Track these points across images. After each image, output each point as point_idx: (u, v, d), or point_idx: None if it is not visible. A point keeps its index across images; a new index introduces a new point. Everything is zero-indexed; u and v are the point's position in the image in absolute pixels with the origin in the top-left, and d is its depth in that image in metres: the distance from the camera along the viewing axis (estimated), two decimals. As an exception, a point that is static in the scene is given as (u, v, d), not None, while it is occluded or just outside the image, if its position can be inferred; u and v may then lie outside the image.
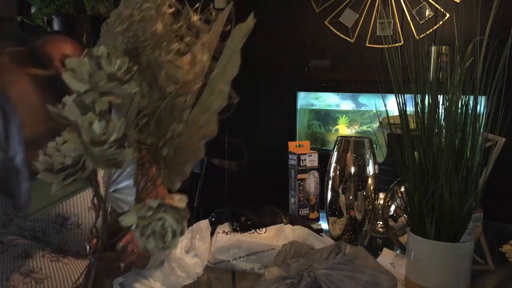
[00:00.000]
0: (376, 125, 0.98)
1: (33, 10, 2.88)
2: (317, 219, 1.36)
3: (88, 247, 0.71)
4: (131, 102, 0.55)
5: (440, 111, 0.83)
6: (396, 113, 0.89)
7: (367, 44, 2.75)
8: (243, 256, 1.04)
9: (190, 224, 1.15)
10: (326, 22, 2.80)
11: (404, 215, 1.07)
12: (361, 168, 1.14)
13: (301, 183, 1.33)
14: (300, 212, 1.33)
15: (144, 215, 0.49)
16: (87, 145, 0.48)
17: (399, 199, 1.09)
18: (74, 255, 0.95)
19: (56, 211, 0.95)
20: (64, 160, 0.49)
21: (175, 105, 0.57)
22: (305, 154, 1.33)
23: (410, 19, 2.64)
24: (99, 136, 0.48)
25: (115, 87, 0.49)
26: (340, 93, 2.88)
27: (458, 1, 2.53)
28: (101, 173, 0.66)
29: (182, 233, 0.50)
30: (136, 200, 0.56)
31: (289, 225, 1.11)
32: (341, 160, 1.16)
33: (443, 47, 2.12)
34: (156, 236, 0.49)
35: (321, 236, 1.13)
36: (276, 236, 1.07)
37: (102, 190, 0.60)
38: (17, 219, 0.93)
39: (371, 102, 2.86)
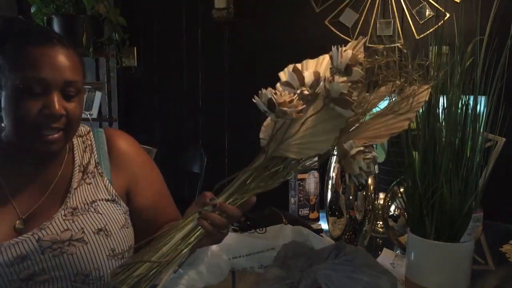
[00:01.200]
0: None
1: (32, 9, 2.88)
2: (317, 219, 1.36)
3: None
4: None
5: (440, 111, 0.83)
6: (396, 113, 0.89)
7: (367, 44, 2.75)
8: (243, 256, 1.04)
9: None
10: (326, 22, 2.80)
11: (404, 215, 1.07)
12: (361, 168, 1.14)
13: (301, 183, 1.33)
14: (300, 212, 1.33)
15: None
16: None
17: (399, 199, 1.09)
18: None
19: (75, 270, 0.88)
20: None
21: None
22: (305, 154, 1.33)
23: (410, 19, 2.64)
24: None
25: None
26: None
27: (458, 1, 2.53)
28: None
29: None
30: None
31: (289, 225, 1.11)
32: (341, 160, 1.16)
33: (443, 47, 2.12)
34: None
35: (321, 236, 1.13)
36: (276, 236, 1.07)
37: None
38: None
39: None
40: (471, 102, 0.81)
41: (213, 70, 3.12)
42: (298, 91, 0.76)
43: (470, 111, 0.81)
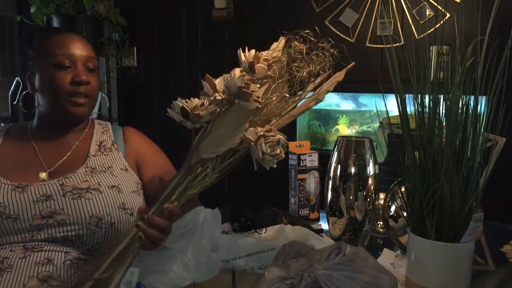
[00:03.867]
0: (376, 125, 0.98)
1: (32, 9, 2.88)
2: (317, 219, 1.35)
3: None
4: None
5: (441, 111, 0.82)
6: (396, 113, 0.89)
7: (367, 44, 2.75)
8: (243, 256, 1.03)
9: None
10: (326, 22, 2.79)
11: (405, 215, 1.07)
12: (362, 168, 1.14)
13: (301, 183, 1.33)
14: (300, 212, 1.33)
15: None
16: None
17: (399, 199, 1.09)
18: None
19: (90, 212, 1.03)
20: None
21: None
22: (305, 154, 1.33)
23: (411, 19, 2.64)
24: None
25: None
26: (340, 93, 2.88)
27: (459, 1, 2.53)
28: None
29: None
30: None
31: (289, 225, 1.11)
32: (341, 160, 1.16)
33: (444, 47, 2.12)
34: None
35: (321, 236, 1.13)
36: (276, 236, 1.07)
37: None
38: (48, 226, 1.01)
39: (371, 102, 2.86)
40: (471, 102, 0.81)
41: (213, 70, 3.12)
42: (212, 98, 0.81)
43: (470, 111, 0.81)
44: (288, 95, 0.88)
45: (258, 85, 0.81)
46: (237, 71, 0.80)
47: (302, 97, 0.91)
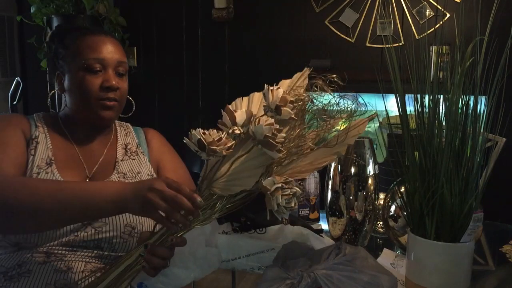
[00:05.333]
0: (376, 125, 0.98)
1: (32, 9, 2.88)
2: (317, 220, 1.35)
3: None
4: None
5: (440, 111, 0.82)
6: (396, 113, 0.89)
7: (367, 44, 2.75)
8: (243, 256, 1.03)
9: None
10: (326, 22, 2.80)
11: (405, 215, 1.07)
12: (361, 168, 1.14)
13: (301, 183, 1.33)
14: (300, 213, 1.33)
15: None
16: None
17: (399, 199, 1.09)
18: None
19: (125, 221, 1.04)
20: None
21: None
22: (305, 154, 1.33)
23: (411, 19, 2.64)
24: None
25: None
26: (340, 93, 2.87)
27: (459, 1, 2.53)
28: None
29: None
30: None
31: (289, 225, 1.11)
32: (341, 160, 1.15)
33: (444, 47, 2.12)
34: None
35: (321, 236, 1.13)
36: (276, 236, 1.07)
37: None
38: (85, 233, 1.01)
39: (371, 102, 2.85)
40: (471, 102, 0.81)
41: (213, 70, 3.12)
42: (230, 131, 0.80)
43: (470, 111, 0.81)
44: (311, 144, 0.85)
45: (284, 134, 0.79)
46: (263, 118, 0.77)
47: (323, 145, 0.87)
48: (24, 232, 0.96)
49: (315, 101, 0.87)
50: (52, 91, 1.20)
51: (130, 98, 1.21)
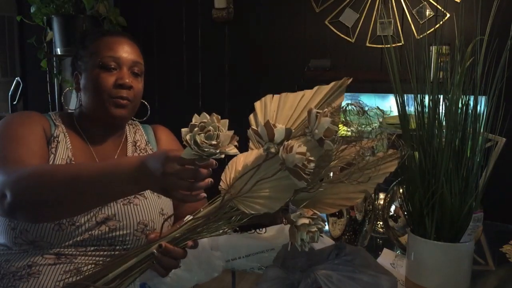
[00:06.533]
0: (376, 125, 0.98)
1: (32, 9, 2.88)
2: (317, 219, 1.35)
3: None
4: None
5: (440, 111, 0.82)
6: (396, 113, 0.89)
7: (367, 44, 2.75)
8: (243, 256, 1.03)
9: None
10: (326, 22, 2.80)
11: (405, 215, 1.07)
12: (361, 168, 1.14)
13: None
14: (300, 212, 1.33)
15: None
16: None
17: (399, 199, 1.09)
18: None
19: (138, 218, 1.05)
20: None
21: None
22: (305, 154, 1.33)
23: (411, 19, 2.64)
24: None
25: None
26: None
27: (459, 1, 2.53)
28: None
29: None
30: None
31: (289, 225, 1.11)
32: (341, 160, 1.15)
33: (444, 47, 2.12)
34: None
35: (321, 236, 1.13)
36: (276, 236, 1.07)
37: None
38: (100, 232, 1.02)
39: (371, 102, 2.85)
40: (471, 102, 0.81)
41: (213, 70, 3.12)
42: (265, 147, 0.75)
43: (470, 111, 0.81)
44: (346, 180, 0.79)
45: (314, 165, 0.74)
46: (296, 145, 0.72)
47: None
48: (57, 219, 0.97)
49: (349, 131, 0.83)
50: (66, 89, 1.22)
51: (145, 102, 1.21)
